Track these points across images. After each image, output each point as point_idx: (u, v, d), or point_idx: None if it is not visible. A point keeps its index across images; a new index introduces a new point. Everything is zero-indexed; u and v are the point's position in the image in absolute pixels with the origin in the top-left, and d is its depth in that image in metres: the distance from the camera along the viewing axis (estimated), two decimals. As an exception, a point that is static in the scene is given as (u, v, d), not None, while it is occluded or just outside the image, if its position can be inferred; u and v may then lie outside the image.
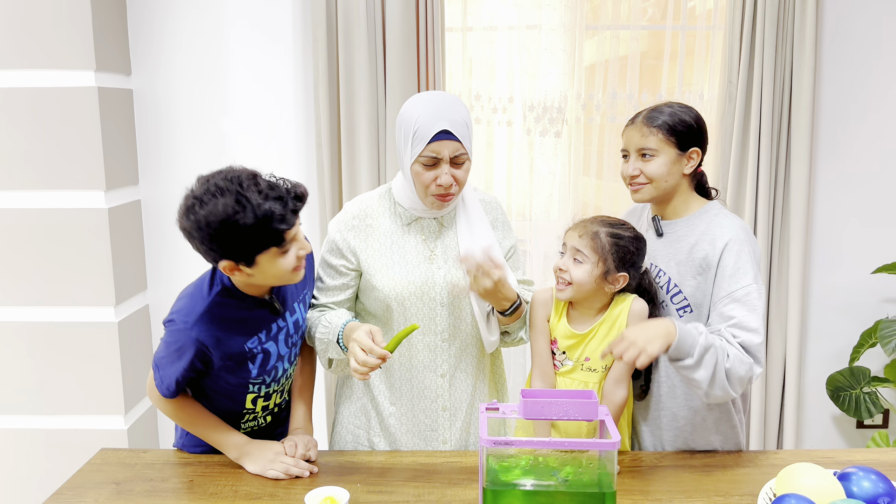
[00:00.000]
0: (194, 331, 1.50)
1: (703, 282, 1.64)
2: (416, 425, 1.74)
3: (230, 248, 1.41)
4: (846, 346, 2.97)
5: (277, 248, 1.44)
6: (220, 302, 1.54)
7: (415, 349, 1.71)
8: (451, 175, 1.59)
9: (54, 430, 2.74)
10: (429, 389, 1.72)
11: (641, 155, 1.66)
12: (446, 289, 1.68)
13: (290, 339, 1.67)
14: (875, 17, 2.80)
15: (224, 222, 1.36)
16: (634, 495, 1.51)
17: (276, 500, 1.50)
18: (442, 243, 1.72)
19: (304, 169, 2.88)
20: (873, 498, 1.34)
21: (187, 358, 1.53)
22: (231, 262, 1.44)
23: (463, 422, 1.75)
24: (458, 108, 1.60)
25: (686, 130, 1.65)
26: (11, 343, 2.70)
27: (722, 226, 1.64)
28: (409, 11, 2.64)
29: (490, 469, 1.31)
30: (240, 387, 1.63)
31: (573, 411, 1.33)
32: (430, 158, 1.57)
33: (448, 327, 1.70)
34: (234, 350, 1.56)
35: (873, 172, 2.89)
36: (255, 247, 1.42)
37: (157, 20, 2.82)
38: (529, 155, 2.88)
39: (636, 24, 2.83)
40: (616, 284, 1.63)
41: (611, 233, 1.62)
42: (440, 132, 1.55)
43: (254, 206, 1.37)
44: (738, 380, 1.54)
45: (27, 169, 2.60)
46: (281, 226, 1.41)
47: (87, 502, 1.51)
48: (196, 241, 1.43)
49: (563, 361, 1.69)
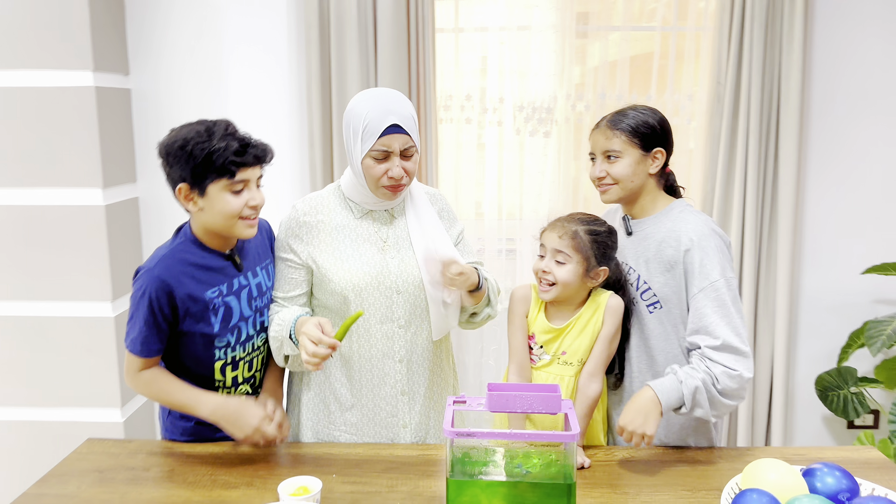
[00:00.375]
0: (157, 269, 1.60)
1: (671, 278, 1.68)
2: (377, 412, 1.78)
3: (187, 169, 1.56)
4: (837, 347, 2.97)
5: (228, 180, 1.57)
6: (183, 248, 1.66)
7: (373, 338, 1.74)
8: (401, 167, 1.65)
9: (52, 423, 2.80)
10: (388, 376, 1.76)
11: (607, 157, 1.72)
12: (401, 277, 1.73)
13: (254, 302, 1.73)
14: (864, 18, 2.80)
15: (186, 141, 1.55)
16: (602, 488, 1.54)
17: (252, 489, 1.54)
18: (394, 233, 1.77)
19: (298, 166, 2.93)
20: (835, 494, 1.36)
21: (152, 303, 1.59)
22: (186, 186, 1.58)
23: (422, 405, 1.80)
24: (405, 103, 1.67)
25: (649, 132, 1.70)
26: (9, 337, 2.76)
27: (686, 222, 1.68)
28: (401, 12, 2.68)
29: (455, 460, 1.35)
30: (206, 350, 1.68)
31: (537, 405, 1.36)
32: (381, 152, 1.63)
33: (405, 314, 1.74)
34: (196, 295, 1.63)
35: (862, 173, 2.90)
36: (207, 171, 1.55)
37: (154, 21, 2.88)
38: (519, 155, 2.91)
39: (626, 25, 2.85)
40: (597, 279, 1.70)
41: (588, 230, 1.68)
42: (390, 126, 1.62)
43: (216, 137, 1.55)
44: (736, 391, 1.60)
45: (26, 166, 2.66)
46: (235, 158, 1.55)
47: (69, 489, 1.56)
48: (164, 162, 1.60)
49: (540, 356, 1.73)
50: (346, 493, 1.52)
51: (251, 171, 1.60)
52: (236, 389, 1.76)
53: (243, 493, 1.53)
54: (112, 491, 1.55)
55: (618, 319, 1.71)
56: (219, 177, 1.56)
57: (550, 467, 1.37)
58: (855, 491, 1.37)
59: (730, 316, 1.61)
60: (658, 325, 1.72)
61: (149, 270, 1.61)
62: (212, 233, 1.66)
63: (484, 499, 1.33)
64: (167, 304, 1.61)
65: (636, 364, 1.76)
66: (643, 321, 1.74)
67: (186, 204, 1.62)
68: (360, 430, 1.79)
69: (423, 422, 1.81)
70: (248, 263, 1.74)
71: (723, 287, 1.62)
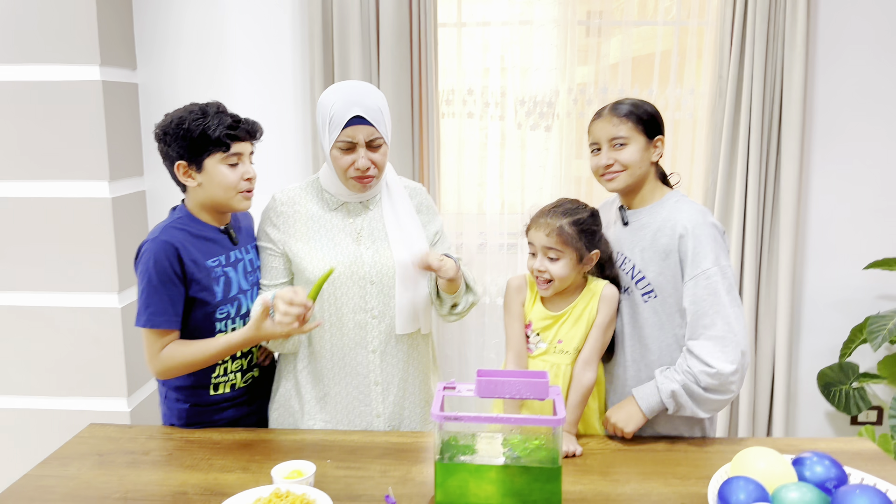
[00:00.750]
0: (162, 235, 1.67)
1: (666, 268, 1.70)
2: (349, 400, 1.80)
3: (184, 147, 1.66)
4: (839, 342, 2.97)
5: (223, 153, 1.67)
6: (182, 223, 1.72)
7: (345, 327, 1.76)
8: (367, 159, 1.68)
9: (59, 412, 2.85)
10: (360, 365, 1.78)
11: (613, 145, 1.71)
12: (375, 267, 1.75)
13: (249, 276, 1.79)
14: (867, 13, 2.79)
15: (182, 120, 1.66)
16: (593, 475, 1.56)
17: (247, 473, 1.57)
18: (368, 224, 1.79)
19: (301, 160, 2.96)
20: (822, 482, 1.37)
21: (165, 265, 1.64)
22: (185, 164, 1.68)
23: (396, 396, 1.81)
24: (373, 95, 1.69)
25: (650, 119, 1.72)
26: (18, 326, 2.81)
27: (681, 211, 1.70)
28: (403, 7, 2.70)
29: (444, 444, 1.37)
30: (207, 321, 1.71)
31: (525, 390, 1.38)
32: (346, 143, 1.67)
33: (378, 304, 1.76)
34: (200, 262, 1.69)
35: (865, 168, 2.89)
36: (204, 146, 1.65)
37: (161, 17, 2.92)
38: (521, 149, 2.92)
39: (628, 20, 2.86)
40: (591, 263, 1.73)
41: (573, 221, 1.69)
42: (354, 118, 1.64)
43: (210, 115, 1.66)
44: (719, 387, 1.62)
45: (34, 160, 2.71)
46: (229, 132, 1.66)
47: (70, 471, 1.59)
48: (161, 144, 1.69)
49: (536, 344, 1.75)
50: (339, 476, 1.55)
51: (244, 144, 1.71)
52: (234, 362, 1.79)
53: (238, 477, 1.55)
54: (111, 473, 1.58)
55: (612, 309, 1.73)
56: (215, 150, 1.66)
57: (538, 451, 1.39)
58: (843, 479, 1.37)
59: (719, 304, 1.62)
60: (652, 314, 1.73)
61: (153, 240, 1.67)
62: (208, 208, 1.74)
63: (472, 482, 1.35)
64: (178, 265, 1.66)
65: (630, 353, 1.78)
66: (637, 310, 1.75)
67: (185, 180, 1.70)
68: (334, 417, 1.81)
69: (396, 412, 1.82)
70: (242, 240, 1.82)
71: (716, 275, 1.63)
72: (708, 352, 1.61)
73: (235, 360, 1.80)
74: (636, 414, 1.69)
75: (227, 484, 1.53)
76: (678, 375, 1.65)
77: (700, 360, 1.62)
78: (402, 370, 1.82)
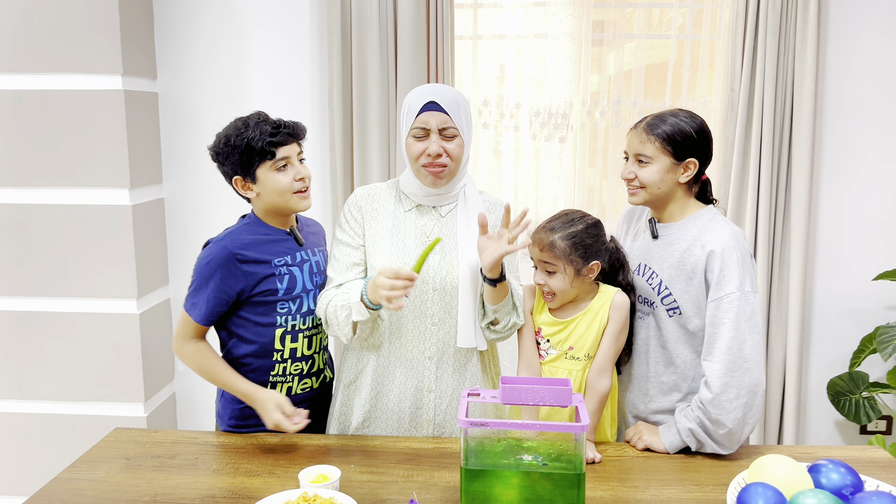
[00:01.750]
0: (225, 240, 1.76)
1: (690, 288, 1.69)
2: (402, 402, 1.81)
3: (235, 162, 1.75)
4: (849, 352, 2.99)
5: (270, 161, 1.74)
6: (248, 229, 1.82)
7: (404, 330, 1.78)
8: (440, 146, 1.69)
9: (76, 416, 2.88)
10: (416, 370, 1.79)
11: (638, 160, 1.72)
12: (439, 275, 1.76)
13: (314, 277, 1.85)
14: (877, 26, 2.83)
15: (228, 137, 1.75)
16: (612, 482, 1.58)
17: (273, 478, 1.60)
18: (440, 230, 1.80)
19: (318, 169, 2.99)
20: (839, 489, 1.39)
21: (218, 273, 1.73)
22: (240, 178, 1.77)
23: (448, 405, 1.82)
24: (451, 90, 1.74)
25: (683, 141, 1.68)
26: (37, 331, 2.85)
27: (713, 232, 1.68)
28: (420, 20, 2.74)
29: (469, 450, 1.40)
30: (268, 315, 1.79)
31: (549, 397, 1.41)
32: (419, 129, 1.71)
33: (438, 311, 1.77)
34: (263, 262, 1.77)
35: (874, 180, 2.92)
36: (251, 158, 1.73)
37: (181, 28, 2.97)
38: (535, 159, 2.96)
39: (641, 33, 2.90)
40: (592, 273, 1.72)
41: (564, 235, 1.68)
42: (428, 103, 1.70)
43: (251, 127, 1.74)
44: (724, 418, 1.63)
45: (57, 167, 2.75)
46: (270, 138, 1.73)
47: (98, 474, 1.63)
48: (218, 163, 1.80)
49: (547, 350, 1.77)
50: (363, 481, 1.58)
51: (288, 148, 1.78)
52: (293, 364, 1.83)
53: (265, 481, 1.59)
54: (139, 477, 1.61)
55: (623, 316, 1.74)
56: (262, 160, 1.74)
57: (561, 458, 1.41)
58: (859, 487, 1.40)
59: (736, 330, 1.61)
60: (676, 328, 1.74)
61: (217, 241, 1.76)
62: (271, 213, 1.82)
63: (496, 488, 1.38)
64: (235, 272, 1.73)
65: (653, 364, 1.78)
66: (662, 324, 1.76)
67: (245, 193, 1.80)
68: (383, 417, 1.83)
69: (447, 420, 1.83)
70: (309, 242, 1.89)
71: (737, 300, 1.61)
72: (715, 374, 1.62)
73: (296, 361, 1.84)
74: (660, 446, 1.73)
75: (255, 488, 1.56)
76: (694, 412, 1.67)
77: (707, 385, 1.63)
78: (458, 381, 1.82)
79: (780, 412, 2.97)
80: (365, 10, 2.76)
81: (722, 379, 1.61)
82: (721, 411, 1.62)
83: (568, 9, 2.84)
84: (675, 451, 1.71)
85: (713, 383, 1.62)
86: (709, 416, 1.64)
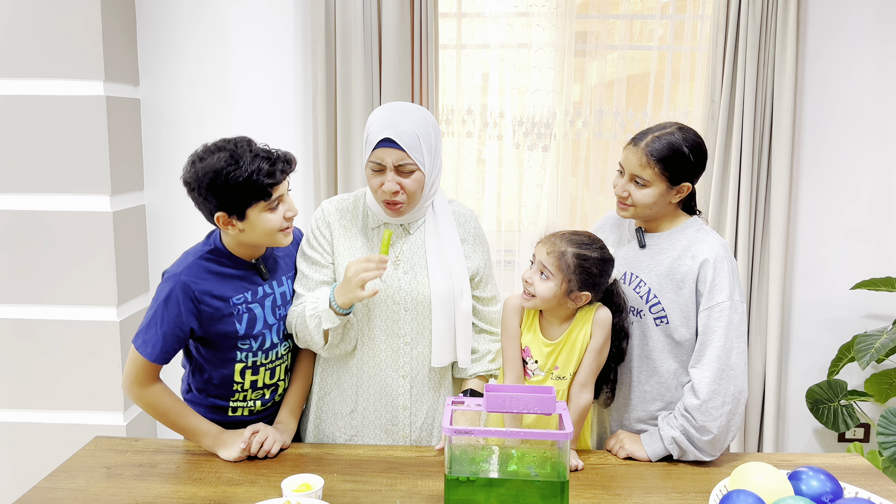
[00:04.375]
0: (183, 275, 1.64)
1: (679, 297, 1.70)
2: (378, 419, 1.80)
3: (223, 200, 1.58)
4: (827, 360, 3.03)
5: (265, 202, 1.60)
6: (211, 258, 1.69)
7: (378, 349, 1.77)
8: (396, 183, 1.64)
9: (55, 425, 2.84)
10: (390, 388, 1.78)
11: (634, 181, 1.70)
12: (410, 294, 1.74)
13: (278, 311, 1.76)
14: (854, 39, 2.89)
15: (217, 173, 1.56)
16: (595, 490, 1.59)
17: (255, 487, 1.59)
18: (409, 249, 1.77)
19: (302, 178, 2.99)
20: (819, 496, 1.41)
21: (174, 308, 1.62)
22: (224, 214, 1.61)
23: (424, 422, 1.81)
24: (411, 120, 1.64)
25: (681, 166, 1.67)
26: (15, 339, 2.81)
27: (703, 242, 1.70)
28: (405, 29, 2.76)
29: (453, 458, 1.40)
30: (228, 352, 1.71)
31: (533, 405, 1.41)
32: (375, 164, 1.65)
33: (410, 331, 1.76)
34: (221, 301, 1.66)
35: (852, 189, 2.97)
36: (245, 199, 1.58)
37: (164, 34, 2.96)
38: (518, 168, 2.98)
39: (623, 44, 2.93)
40: (578, 302, 1.68)
41: (577, 253, 1.64)
42: (383, 140, 1.62)
43: (245, 162, 1.56)
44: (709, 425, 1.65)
45: (37, 173, 2.73)
46: (268, 180, 1.58)
47: (78, 483, 1.60)
48: (195, 194, 1.61)
49: (534, 371, 1.74)
50: (346, 490, 1.57)
51: (283, 184, 1.64)
52: (254, 392, 1.79)
53: (247, 490, 1.57)
54: (119, 486, 1.59)
55: (605, 331, 1.71)
56: (257, 201, 1.60)
57: (546, 465, 1.42)
58: (839, 494, 1.42)
59: (726, 338, 1.64)
60: (662, 337, 1.74)
61: (175, 275, 1.64)
62: (245, 245, 1.69)
63: (481, 496, 1.38)
64: (192, 309, 1.64)
65: (637, 374, 1.79)
66: (648, 333, 1.76)
67: (227, 229, 1.64)
68: (361, 432, 1.82)
69: (423, 437, 1.82)
70: (275, 273, 1.78)
71: (727, 309, 1.64)
72: (704, 381, 1.64)
73: (256, 389, 1.79)
74: (642, 455, 1.73)
75: (237, 497, 1.54)
76: (678, 420, 1.68)
77: (694, 391, 1.65)
78: (432, 398, 1.81)
79: (760, 420, 3.00)
80: (349, 18, 2.76)
81: (710, 386, 1.63)
82: (707, 418, 1.63)
83: (551, 19, 2.87)
84: (658, 459, 1.72)
85: (701, 390, 1.63)
86: (694, 423, 1.65)
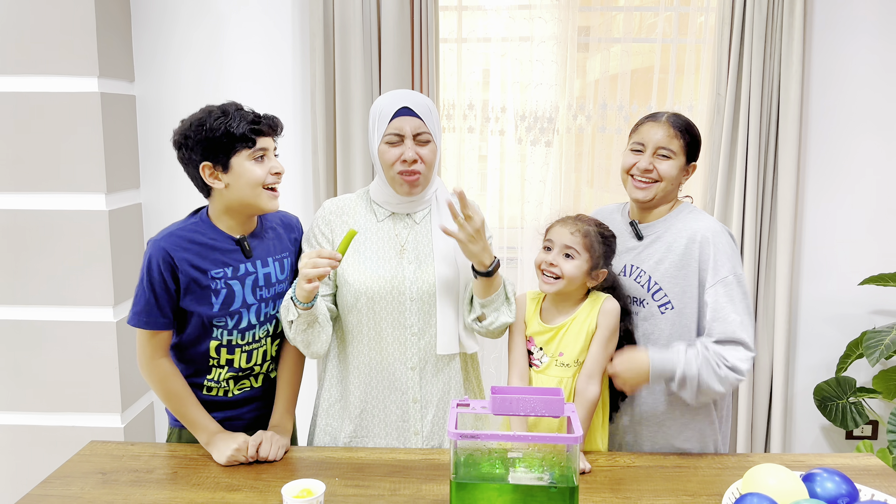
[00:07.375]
0: (163, 241, 1.64)
1: (682, 278, 1.72)
2: (388, 416, 1.78)
3: (209, 147, 1.62)
4: (835, 357, 2.99)
5: (249, 150, 1.63)
6: (194, 228, 1.69)
7: (385, 343, 1.74)
8: (414, 151, 1.67)
9: (52, 427, 2.80)
10: (399, 381, 1.76)
11: (659, 153, 1.72)
12: (416, 284, 1.73)
13: (258, 291, 1.73)
14: (861, 31, 2.84)
15: (203, 122, 1.62)
16: (604, 493, 1.55)
17: (255, 492, 1.55)
18: (414, 238, 1.77)
19: (301, 174, 2.95)
20: (834, 498, 1.37)
21: (157, 273, 1.63)
22: (210, 165, 1.64)
23: (434, 415, 1.78)
24: (421, 95, 1.72)
25: (696, 141, 1.75)
26: (12, 340, 2.77)
27: (698, 220, 1.74)
28: (404, 23, 2.71)
29: (459, 462, 1.35)
30: (204, 329, 1.69)
31: (540, 408, 1.37)
32: (393, 136, 1.67)
33: (417, 322, 1.74)
34: (200, 273, 1.66)
35: (860, 184, 2.93)
36: (230, 144, 1.61)
37: (160, 29, 2.91)
38: (521, 163, 2.93)
39: (627, 37, 2.88)
40: (597, 279, 1.73)
41: (598, 231, 1.71)
42: (401, 108, 1.67)
43: (230, 114, 1.62)
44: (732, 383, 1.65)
45: (31, 171, 2.68)
46: (252, 126, 1.62)
47: (73, 490, 1.56)
48: (183, 151, 1.65)
49: (541, 359, 1.73)
50: (348, 495, 1.53)
51: (267, 139, 1.67)
52: (229, 371, 1.75)
53: (246, 496, 1.53)
54: (115, 492, 1.55)
55: (612, 322, 1.71)
56: (240, 147, 1.63)
57: (554, 469, 1.38)
58: (854, 496, 1.38)
59: (737, 311, 1.66)
60: (669, 325, 1.74)
61: (155, 242, 1.65)
62: (233, 211, 1.69)
63: (487, 501, 1.34)
64: (170, 277, 1.64)
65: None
66: (653, 321, 1.76)
67: (212, 182, 1.66)
68: (371, 432, 1.79)
69: (435, 430, 1.79)
70: (260, 252, 1.75)
71: (733, 283, 1.67)
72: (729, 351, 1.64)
73: (232, 370, 1.75)
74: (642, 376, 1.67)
75: (236, 503, 1.51)
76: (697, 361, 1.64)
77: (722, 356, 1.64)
78: (443, 389, 1.79)
79: (768, 417, 2.96)
80: (348, 12, 2.72)
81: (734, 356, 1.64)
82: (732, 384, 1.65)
83: (553, 12, 2.82)
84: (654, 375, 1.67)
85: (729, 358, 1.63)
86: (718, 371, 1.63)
